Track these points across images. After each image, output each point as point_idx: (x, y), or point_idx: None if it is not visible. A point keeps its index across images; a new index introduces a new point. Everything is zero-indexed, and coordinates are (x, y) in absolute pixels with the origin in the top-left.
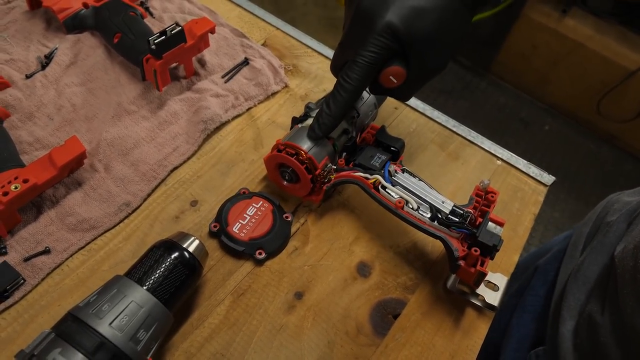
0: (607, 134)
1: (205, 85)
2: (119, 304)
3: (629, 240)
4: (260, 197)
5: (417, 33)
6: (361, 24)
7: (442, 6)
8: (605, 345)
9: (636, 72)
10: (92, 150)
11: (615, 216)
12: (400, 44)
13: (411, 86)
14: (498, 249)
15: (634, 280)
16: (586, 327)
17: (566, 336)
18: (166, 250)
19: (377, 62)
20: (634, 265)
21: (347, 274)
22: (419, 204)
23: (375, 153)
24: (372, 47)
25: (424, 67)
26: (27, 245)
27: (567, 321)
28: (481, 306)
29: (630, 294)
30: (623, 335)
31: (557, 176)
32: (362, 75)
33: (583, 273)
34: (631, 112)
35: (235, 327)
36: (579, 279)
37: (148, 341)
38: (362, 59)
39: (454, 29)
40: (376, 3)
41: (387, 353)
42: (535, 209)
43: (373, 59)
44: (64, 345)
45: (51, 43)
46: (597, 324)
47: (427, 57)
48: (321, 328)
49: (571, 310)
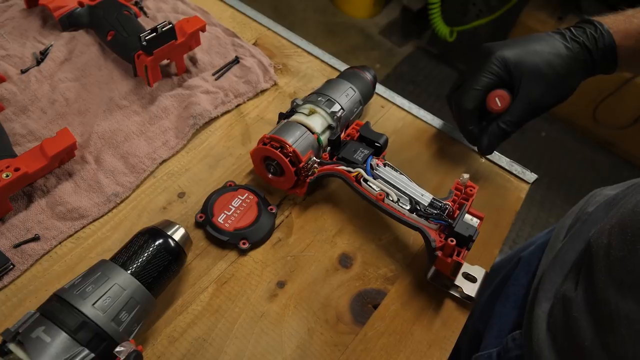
0: (603, 141)
1: (196, 82)
2: (102, 286)
3: (606, 222)
4: (245, 189)
5: (524, 65)
6: (479, 59)
7: (555, 52)
8: (576, 320)
9: (631, 80)
10: (83, 142)
11: (595, 207)
12: (509, 73)
13: (514, 114)
14: (474, 240)
15: (607, 256)
16: (560, 306)
17: (541, 317)
18: (151, 237)
19: (486, 85)
20: (607, 243)
21: (329, 264)
22: (399, 197)
23: (358, 147)
24: (485, 72)
25: (525, 97)
26: (17, 233)
27: (542, 303)
28: (459, 297)
29: (602, 269)
30: (594, 309)
31: (554, 183)
32: (474, 95)
33: (561, 258)
34: (627, 119)
35: (217, 314)
36: (556, 265)
37: (130, 323)
38: (476, 82)
39: (561, 71)
40: (495, 44)
41: (366, 341)
42: (517, 205)
43: (484, 82)
44: (47, 324)
45: (46, 40)
46: (570, 300)
47: (529, 88)
48: (302, 316)
49: (547, 292)
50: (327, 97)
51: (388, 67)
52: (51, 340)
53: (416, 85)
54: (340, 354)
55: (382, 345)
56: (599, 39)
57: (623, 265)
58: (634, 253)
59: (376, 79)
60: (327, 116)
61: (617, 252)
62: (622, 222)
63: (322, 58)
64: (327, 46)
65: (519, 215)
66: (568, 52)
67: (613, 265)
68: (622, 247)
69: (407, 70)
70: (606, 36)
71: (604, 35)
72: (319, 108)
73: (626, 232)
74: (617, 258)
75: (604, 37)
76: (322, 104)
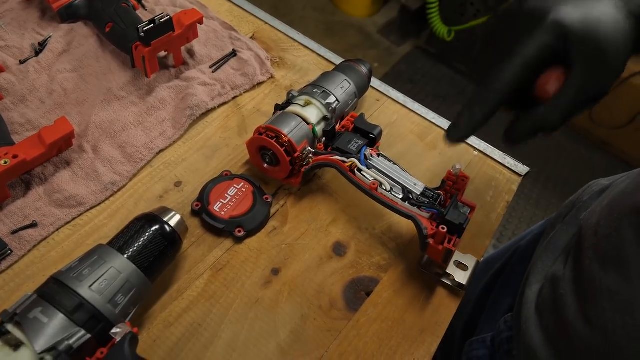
0: (600, 140)
1: (194, 74)
2: (99, 269)
3: (596, 205)
4: (241, 179)
5: (590, 40)
6: (525, 22)
7: (617, 25)
8: (563, 296)
9: (627, 80)
10: (81, 132)
11: (590, 195)
12: (566, 48)
13: (564, 105)
14: (464, 228)
15: (595, 234)
16: (549, 285)
17: (530, 297)
18: (147, 222)
19: (536, 62)
20: (596, 222)
21: (323, 253)
22: (392, 186)
23: (352, 138)
24: (536, 43)
25: (585, 81)
26: (15, 219)
27: (533, 285)
28: (451, 285)
29: (589, 247)
30: (579, 286)
31: (550, 182)
32: (517, 71)
33: (553, 243)
34: (623, 119)
35: (212, 300)
36: (549, 249)
37: (126, 305)
38: (522, 53)
39: (622, 52)
40: (543, 3)
41: (359, 327)
42: (509, 197)
43: (534, 57)
44: (44, 305)
45: (45, 31)
46: (558, 279)
47: (591, 70)
48: (295, 302)
49: (537, 275)
50: (323, 89)
51: (386, 66)
52: (48, 320)
53: (414, 84)
54: (333, 339)
55: (374, 331)
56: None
57: (608, 241)
58: (619, 230)
59: (371, 72)
60: (322, 107)
61: (603, 230)
62: (611, 202)
63: (319, 52)
64: (326, 45)
65: (515, 213)
66: (626, 27)
67: (599, 242)
68: (609, 225)
69: (405, 69)
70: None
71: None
72: (314, 99)
73: (613, 211)
74: (604, 235)
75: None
76: (318, 95)
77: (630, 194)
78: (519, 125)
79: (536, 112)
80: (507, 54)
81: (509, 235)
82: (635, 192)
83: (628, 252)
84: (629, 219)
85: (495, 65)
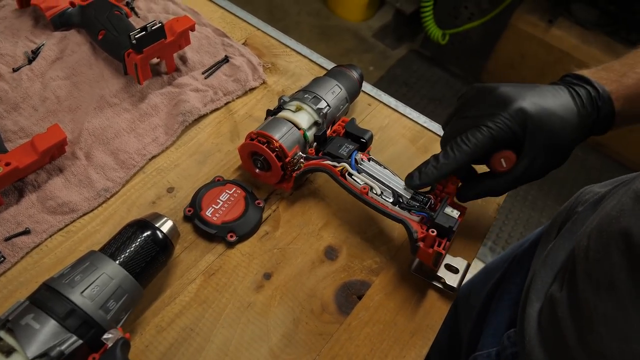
0: (594, 142)
1: (186, 80)
2: (90, 275)
3: (587, 224)
4: (233, 184)
5: (544, 126)
6: (494, 104)
7: (568, 118)
8: (561, 320)
9: None
10: (74, 139)
11: (584, 206)
12: (524, 132)
13: (510, 181)
14: (454, 231)
15: (586, 258)
16: (548, 306)
17: (532, 317)
18: (139, 228)
19: (497, 136)
20: (587, 245)
21: (314, 257)
22: (383, 190)
23: (343, 143)
24: (500, 123)
25: (532, 163)
26: (8, 226)
27: (534, 303)
28: (442, 288)
29: (582, 271)
30: (576, 310)
31: (545, 183)
32: (481, 142)
33: (551, 259)
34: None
35: (205, 304)
36: (547, 264)
37: (118, 311)
38: (487, 128)
39: (569, 143)
40: (513, 91)
41: (350, 330)
42: (500, 200)
43: (496, 132)
44: (36, 312)
45: (38, 39)
46: (556, 300)
47: (540, 153)
48: (287, 306)
49: (538, 292)
50: (314, 94)
51: (381, 70)
52: (40, 327)
53: (409, 87)
54: (325, 343)
55: (366, 334)
56: (602, 107)
57: (599, 266)
58: (608, 255)
59: (362, 77)
60: (313, 112)
61: (594, 254)
62: (599, 225)
63: (310, 57)
64: (321, 49)
65: (511, 215)
66: (579, 119)
67: (591, 266)
68: (599, 249)
69: (400, 72)
70: (607, 105)
71: (605, 103)
72: (305, 105)
73: (602, 235)
74: (595, 260)
75: (605, 106)
76: (309, 100)
77: (616, 217)
78: (470, 190)
79: (485, 183)
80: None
81: (505, 237)
82: (620, 216)
83: (617, 277)
84: (616, 244)
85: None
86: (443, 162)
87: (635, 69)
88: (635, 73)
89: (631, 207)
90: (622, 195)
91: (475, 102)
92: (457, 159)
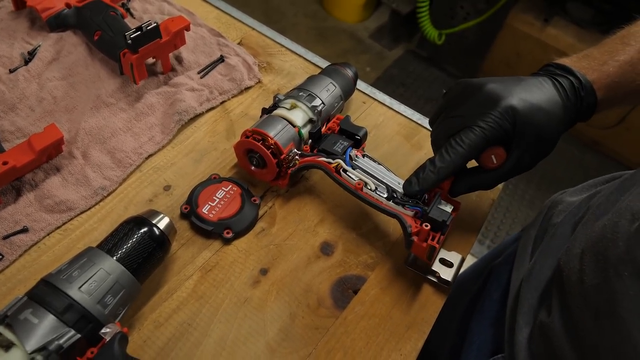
0: (591, 140)
1: (182, 80)
2: (88, 271)
3: (575, 245)
4: (229, 181)
5: (532, 122)
6: (483, 102)
7: (554, 111)
8: (559, 349)
9: None
10: (71, 138)
11: (560, 218)
12: (513, 128)
13: (500, 175)
14: (447, 225)
15: (581, 282)
16: (539, 333)
17: (522, 344)
18: (136, 225)
19: (490, 135)
20: (580, 269)
21: (310, 252)
22: (377, 185)
23: (338, 140)
24: (492, 122)
25: (522, 156)
26: (6, 225)
27: (522, 328)
28: (437, 282)
29: (577, 296)
30: (575, 339)
31: (543, 182)
32: (475, 142)
33: (535, 277)
34: (613, 119)
35: (202, 300)
36: (531, 284)
37: (115, 306)
38: (480, 128)
39: (555, 134)
40: (501, 88)
41: (346, 324)
42: (494, 195)
43: (489, 132)
44: (35, 306)
45: (35, 41)
46: (547, 326)
47: (530, 148)
48: (284, 301)
49: (525, 316)
50: (309, 92)
51: (378, 70)
52: (39, 321)
53: (406, 87)
54: (321, 337)
55: (362, 328)
56: (585, 97)
57: (598, 293)
58: (607, 281)
59: (357, 75)
60: (308, 110)
61: (590, 279)
62: (593, 247)
63: (305, 56)
64: (317, 50)
65: (509, 214)
66: (564, 111)
67: (588, 292)
68: (595, 275)
69: (397, 73)
70: (590, 94)
71: (588, 92)
72: (300, 102)
73: (598, 259)
74: (592, 285)
75: (588, 96)
76: (303, 98)
77: (612, 240)
78: (461, 185)
79: (476, 178)
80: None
81: (502, 235)
82: (617, 239)
83: (621, 306)
84: (616, 270)
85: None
86: (440, 165)
87: (615, 57)
88: (615, 61)
89: (627, 229)
90: (613, 215)
91: (463, 99)
92: (454, 161)
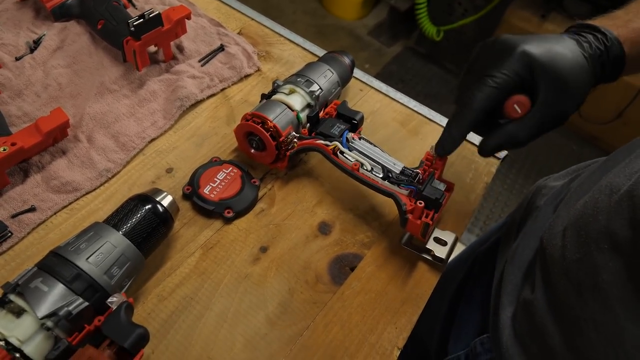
0: (589, 135)
1: (183, 68)
2: (95, 243)
3: (557, 223)
4: (230, 164)
5: (553, 67)
6: (497, 52)
7: (576, 59)
8: (542, 325)
9: None
10: (76, 123)
11: (543, 201)
12: (532, 75)
13: (530, 127)
14: (441, 203)
15: (563, 258)
16: (523, 311)
17: (506, 323)
18: (140, 202)
19: (505, 86)
20: (562, 245)
21: (309, 231)
22: (373, 166)
23: (335, 123)
24: (505, 70)
25: (549, 105)
26: (15, 204)
27: (506, 307)
28: (431, 260)
29: (559, 272)
30: (558, 313)
31: (541, 175)
32: (488, 94)
33: (518, 258)
34: (610, 114)
35: (204, 276)
36: (514, 264)
37: (121, 277)
38: (492, 79)
39: (581, 83)
40: (515, 38)
41: (343, 299)
42: (488, 178)
43: (503, 81)
44: (45, 276)
45: (39, 30)
46: (530, 303)
47: (555, 95)
48: (283, 277)
49: (509, 296)
50: (307, 77)
51: (377, 67)
52: (48, 289)
53: (405, 83)
54: (319, 310)
55: (358, 303)
56: (611, 49)
57: (580, 267)
58: (589, 255)
59: (354, 63)
60: (306, 95)
61: (572, 255)
62: (574, 224)
63: (304, 45)
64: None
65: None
66: (586, 62)
67: (570, 267)
68: (577, 250)
69: (396, 69)
70: (616, 47)
71: (614, 45)
72: (298, 88)
73: (580, 234)
74: (573, 260)
75: (614, 48)
76: (302, 84)
77: (593, 215)
78: (492, 139)
79: (507, 129)
80: (481, 78)
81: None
82: (597, 214)
83: (602, 279)
84: (597, 244)
85: (471, 89)
86: (456, 127)
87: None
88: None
89: (607, 203)
90: (594, 192)
91: (481, 55)
92: (469, 117)
